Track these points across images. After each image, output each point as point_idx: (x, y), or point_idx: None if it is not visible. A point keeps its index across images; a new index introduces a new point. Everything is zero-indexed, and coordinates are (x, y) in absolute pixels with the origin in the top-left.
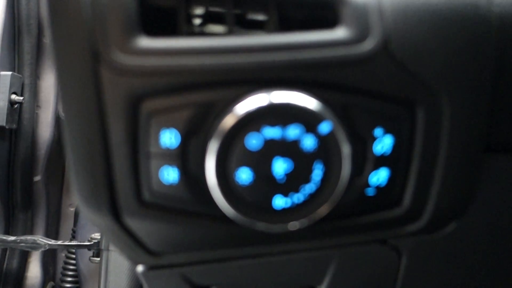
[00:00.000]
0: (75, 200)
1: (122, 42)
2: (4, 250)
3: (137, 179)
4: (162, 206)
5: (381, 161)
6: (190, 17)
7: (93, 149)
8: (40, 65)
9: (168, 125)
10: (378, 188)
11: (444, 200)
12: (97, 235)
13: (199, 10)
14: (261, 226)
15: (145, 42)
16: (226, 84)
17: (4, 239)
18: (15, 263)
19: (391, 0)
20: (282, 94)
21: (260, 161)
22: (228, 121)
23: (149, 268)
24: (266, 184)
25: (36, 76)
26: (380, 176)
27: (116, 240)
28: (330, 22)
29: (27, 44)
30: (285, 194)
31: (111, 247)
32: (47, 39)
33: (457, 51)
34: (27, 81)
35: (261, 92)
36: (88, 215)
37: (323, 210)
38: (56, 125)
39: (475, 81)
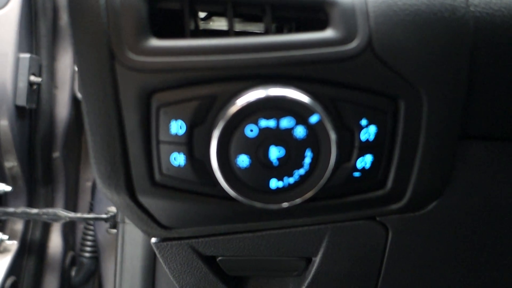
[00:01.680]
0: (91, 175)
1: (134, 44)
2: (28, 222)
3: (149, 163)
4: (171, 186)
5: (366, 148)
6: (195, 17)
7: (111, 136)
8: (56, 47)
9: (176, 116)
10: (363, 171)
11: (423, 182)
12: (113, 208)
13: (202, 13)
14: (258, 204)
15: (155, 43)
16: (227, 80)
17: (27, 211)
18: (37, 234)
19: (375, 4)
20: (277, 89)
21: (257, 148)
22: (230, 112)
23: (161, 240)
24: (262, 168)
25: (53, 58)
26: (365, 161)
27: (131, 216)
28: (321, 24)
29: (43, 27)
30: (280, 177)
31: (127, 220)
32: (62, 22)
33: (435, 49)
34: (44, 63)
35: (258, 88)
36: (106, 194)
37: (314, 190)
38: (73, 104)
39: (452, 77)
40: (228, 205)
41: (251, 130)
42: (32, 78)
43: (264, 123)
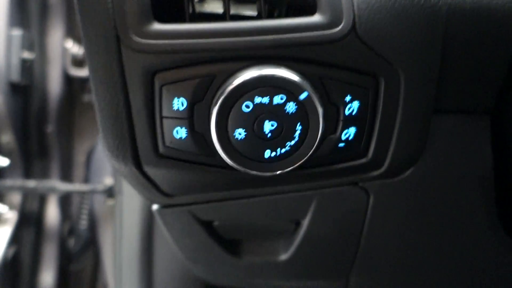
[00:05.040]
0: (84, 148)
1: (139, 28)
2: (25, 194)
3: (154, 136)
4: (174, 157)
5: (350, 121)
6: (192, 1)
7: (118, 113)
8: (45, 23)
9: (178, 94)
10: (347, 142)
11: (400, 151)
12: (109, 180)
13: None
14: (253, 172)
15: (157, 27)
16: (225, 60)
17: (25, 185)
18: (35, 205)
19: None
20: (270, 69)
21: (252, 122)
22: (228, 89)
23: (163, 206)
24: (257, 140)
25: (43, 34)
26: (349, 133)
27: (136, 184)
28: (310, 9)
29: (34, 3)
30: (273, 148)
31: (125, 191)
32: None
33: (412, 33)
34: (36, 39)
35: (253, 68)
36: (114, 164)
37: (303, 159)
38: (64, 80)
39: (426, 57)
40: (225, 173)
41: (247, 106)
42: (25, 54)
43: (258, 99)
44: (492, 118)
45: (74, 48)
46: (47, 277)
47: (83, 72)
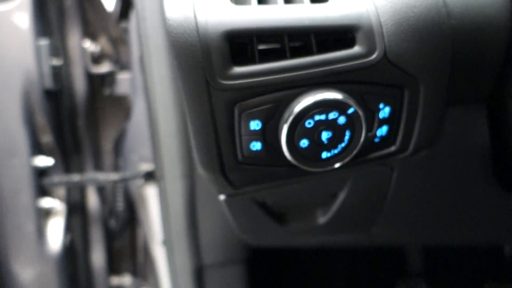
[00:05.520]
0: (111, 137)
1: (222, 73)
2: (69, 188)
3: (235, 150)
4: (250, 163)
5: (383, 122)
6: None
7: (208, 136)
8: (65, 28)
9: (253, 118)
10: (381, 138)
11: (421, 139)
12: (146, 166)
13: (263, 45)
14: (314, 169)
15: (236, 70)
16: (288, 88)
17: (70, 180)
18: (77, 196)
19: (387, 25)
20: (325, 93)
21: (313, 133)
22: (294, 111)
23: (229, 196)
24: (317, 146)
25: (63, 38)
26: (382, 131)
27: (216, 184)
28: (351, 42)
29: (53, 9)
30: (328, 151)
31: (166, 177)
32: (68, 2)
33: (428, 54)
34: (58, 45)
35: (311, 93)
36: (204, 173)
37: (351, 156)
38: (86, 78)
39: (440, 70)
40: (290, 170)
41: (309, 123)
42: (54, 61)
43: (317, 117)
44: (487, 107)
45: (91, 47)
46: (98, 256)
47: (102, 69)
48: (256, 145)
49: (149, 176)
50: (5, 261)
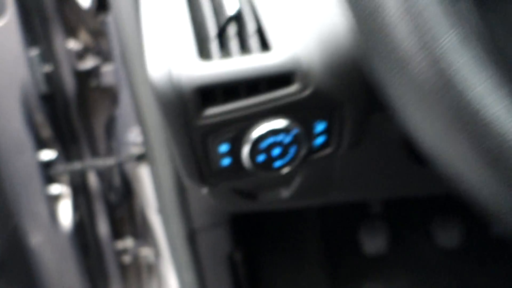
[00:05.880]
0: (101, 122)
1: (196, 115)
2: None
3: (210, 165)
4: (222, 175)
5: (321, 133)
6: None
7: (189, 155)
8: (49, 34)
9: (222, 142)
10: (320, 145)
11: (350, 142)
12: (137, 149)
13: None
14: (270, 174)
15: (206, 113)
16: (246, 120)
17: (74, 168)
18: (79, 179)
19: (317, 66)
20: (272, 122)
21: (267, 151)
22: (251, 138)
23: (209, 189)
24: (271, 158)
25: (51, 44)
26: (321, 140)
27: (200, 188)
28: (291, 82)
29: (37, 20)
30: (279, 161)
31: (157, 160)
32: (50, 10)
33: (349, 86)
34: (47, 51)
35: (265, 121)
36: (189, 182)
37: (297, 162)
38: (74, 74)
39: (360, 95)
40: (253, 177)
41: (264, 144)
42: (46, 68)
43: (270, 139)
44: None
45: (75, 46)
46: (103, 226)
47: (87, 64)
48: (225, 161)
49: (141, 158)
50: (26, 241)
